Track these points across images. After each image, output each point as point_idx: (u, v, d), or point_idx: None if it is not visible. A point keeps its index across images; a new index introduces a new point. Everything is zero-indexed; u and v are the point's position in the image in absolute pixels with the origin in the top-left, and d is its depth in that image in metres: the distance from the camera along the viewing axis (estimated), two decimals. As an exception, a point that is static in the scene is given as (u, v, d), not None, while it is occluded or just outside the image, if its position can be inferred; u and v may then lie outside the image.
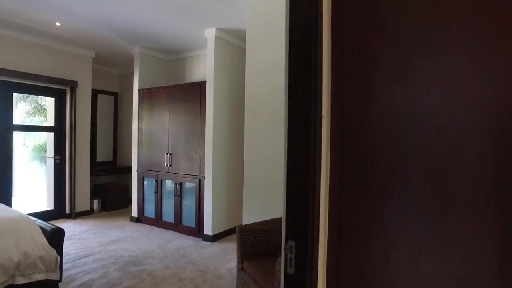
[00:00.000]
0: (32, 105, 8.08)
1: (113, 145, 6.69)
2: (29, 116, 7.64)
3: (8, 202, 4.60)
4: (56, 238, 2.56)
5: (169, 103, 4.69)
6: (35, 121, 7.60)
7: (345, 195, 1.00)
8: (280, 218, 2.78)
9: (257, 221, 3.01)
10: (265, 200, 3.09)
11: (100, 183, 6.17)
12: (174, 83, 5.23)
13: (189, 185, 4.53)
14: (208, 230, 4.28)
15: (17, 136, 6.61)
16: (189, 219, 4.51)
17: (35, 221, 2.69)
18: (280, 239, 2.65)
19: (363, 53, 0.97)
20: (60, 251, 2.60)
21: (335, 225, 1.00)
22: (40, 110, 7.74)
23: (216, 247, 4.09)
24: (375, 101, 0.95)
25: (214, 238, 4.29)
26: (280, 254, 2.60)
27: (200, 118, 4.35)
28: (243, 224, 3.21)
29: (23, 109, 7.85)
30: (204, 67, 5.14)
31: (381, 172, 0.93)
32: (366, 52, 0.96)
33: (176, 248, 4.00)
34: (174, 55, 5.50)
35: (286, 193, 1.04)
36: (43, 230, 2.57)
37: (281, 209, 2.66)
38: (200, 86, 4.36)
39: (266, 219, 2.81)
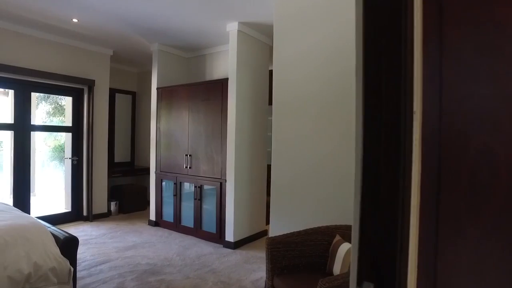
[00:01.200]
0: (52, 105, 8.08)
1: (131, 146, 6.55)
2: (49, 117, 7.63)
3: (26, 203, 4.49)
4: (69, 247, 2.36)
5: (189, 102, 4.47)
6: (55, 121, 7.58)
7: (446, 223, 0.71)
8: (314, 229, 2.51)
9: (286, 231, 2.74)
10: (296, 209, 2.81)
11: (118, 184, 6.03)
12: (193, 81, 5.01)
13: (209, 188, 4.30)
14: (229, 236, 4.04)
15: (37, 136, 6.59)
16: (209, 224, 4.28)
17: (48, 227, 2.50)
18: (314, 253, 2.37)
19: (477, 20, 0.69)
20: (73, 261, 2.39)
21: (430, 265, 0.72)
22: (60, 110, 7.71)
23: (238, 255, 3.83)
24: (497, 89, 0.66)
25: (236, 245, 4.04)
26: (316, 271, 2.32)
27: (222, 117, 4.11)
28: (270, 235, 2.94)
29: (44, 109, 7.86)
30: (225, 64, 4.91)
31: (509, 193, 0.64)
32: (481, 17, 0.68)
33: (196, 255, 3.77)
34: (193, 52, 5.29)
35: (360, 216, 0.77)
36: (56, 238, 2.37)
37: (316, 220, 2.37)
38: (222, 84, 4.11)
39: (296, 229, 2.54)
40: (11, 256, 2.04)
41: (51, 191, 6.87)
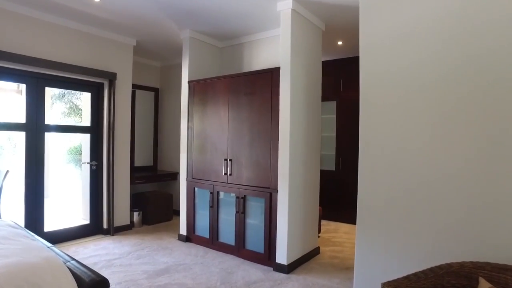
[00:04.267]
0: (68, 105, 7.49)
1: (153, 148, 5.90)
2: (64, 117, 7.04)
3: (39, 213, 3.87)
4: (98, 293, 1.67)
5: (228, 97, 3.78)
6: (70, 122, 6.99)
7: None
8: (443, 269, 1.76)
9: (381, 268, 2.03)
10: (398, 237, 2.07)
11: (140, 191, 5.39)
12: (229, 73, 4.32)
13: (255, 199, 3.59)
14: (282, 258, 3.32)
15: (52, 137, 6.02)
16: (255, 243, 3.57)
17: (67, 262, 1.82)
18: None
19: None
20: (103, 312, 1.71)
21: None
22: (76, 110, 7.11)
23: (295, 282, 3.11)
24: None
25: (290, 268, 3.32)
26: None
27: (272, 114, 3.40)
28: (357, 272, 2.22)
29: (59, 109, 7.28)
30: (266, 55, 4.22)
31: None
32: None
33: (244, 283, 3.06)
34: (228, 41, 4.60)
35: None
36: (78, 278, 1.69)
37: (432, 254, 1.42)
38: (271, 74, 3.41)
39: (399, 266, 1.82)
40: (15, 316, 1.36)
41: (67, 200, 6.28)
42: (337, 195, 5.34)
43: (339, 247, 4.16)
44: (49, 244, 2.03)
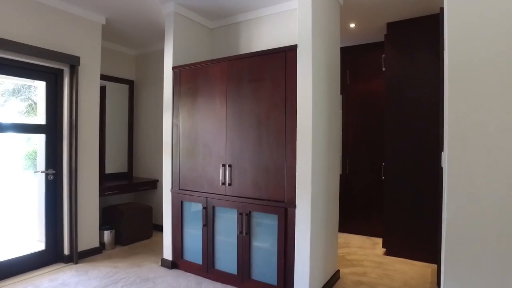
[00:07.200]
0: (26, 103, 6.39)
1: (128, 152, 4.98)
2: (21, 117, 5.96)
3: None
4: None
5: (227, 85, 2.98)
6: (27, 122, 5.91)
7: None
8: None
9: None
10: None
11: (112, 204, 4.46)
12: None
13: (265, 216, 2.80)
14: (301, 293, 2.55)
15: (3, 139, 4.99)
16: (264, 271, 2.78)
17: None
18: None
19: None
20: None
21: None
22: (35, 109, 6.05)
23: (323, 327, 2.36)
24: None
25: (312, 306, 2.57)
26: None
27: (286, 106, 2.63)
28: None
29: (14, 108, 6.17)
30: (268, 37, 3.47)
31: None
32: None
33: (257, 332, 2.27)
34: (221, 20, 3.80)
35: None
36: None
37: None
38: (285, 55, 2.64)
39: None
40: None
41: (20, 215, 5.22)
42: (345, 203, 4.64)
43: (359, 267, 3.45)
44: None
